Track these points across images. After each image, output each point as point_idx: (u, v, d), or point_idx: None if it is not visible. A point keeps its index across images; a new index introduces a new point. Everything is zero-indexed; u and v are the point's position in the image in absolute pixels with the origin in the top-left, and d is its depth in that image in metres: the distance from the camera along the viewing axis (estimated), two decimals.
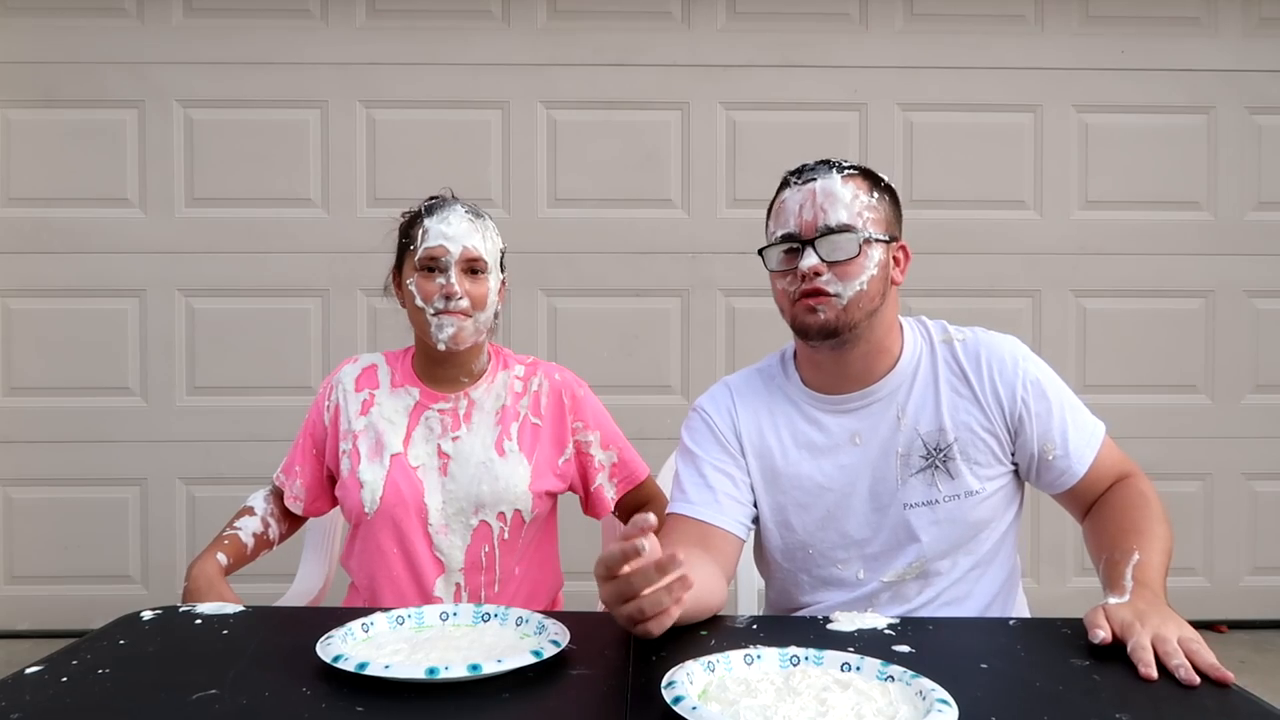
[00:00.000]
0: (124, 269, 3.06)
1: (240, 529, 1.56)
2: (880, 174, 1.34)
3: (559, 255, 3.09)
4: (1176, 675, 0.93)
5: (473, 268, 1.50)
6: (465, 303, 1.49)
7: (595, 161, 3.11)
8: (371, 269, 1.66)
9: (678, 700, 0.84)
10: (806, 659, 0.97)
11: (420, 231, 1.51)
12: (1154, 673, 0.93)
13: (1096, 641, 1.00)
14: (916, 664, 0.95)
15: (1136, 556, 1.13)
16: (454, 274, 1.48)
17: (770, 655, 0.97)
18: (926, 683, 0.88)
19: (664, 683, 0.88)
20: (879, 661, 0.94)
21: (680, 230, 3.12)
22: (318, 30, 3.09)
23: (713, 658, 0.96)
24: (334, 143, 3.09)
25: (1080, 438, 1.30)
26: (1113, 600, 1.06)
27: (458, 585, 1.53)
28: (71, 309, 3.06)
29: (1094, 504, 1.32)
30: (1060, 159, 3.15)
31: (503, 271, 1.59)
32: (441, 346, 1.50)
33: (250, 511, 1.60)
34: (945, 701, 0.84)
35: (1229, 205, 3.17)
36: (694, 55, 3.12)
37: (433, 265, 1.49)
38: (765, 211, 1.36)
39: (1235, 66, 3.15)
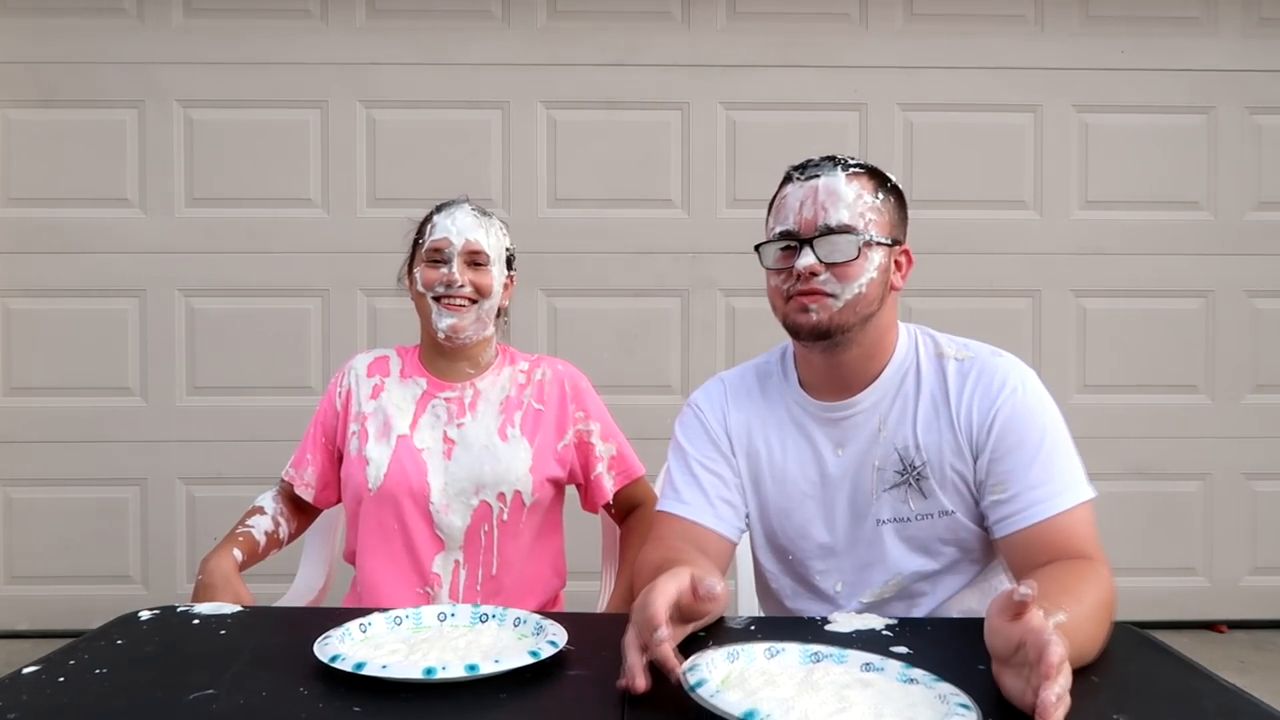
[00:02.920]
0: (124, 269, 3.06)
1: (253, 527, 1.58)
2: (888, 174, 1.28)
3: (559, 255, 3.09)
4: (1043, 692, 0.77)
5: (475, 260, 1.58)
6: (468, 289, 1.56)
7: (595, 161, 3.11)
8: (371, 269, 1.69)
9: (699, 685, 0.84)
10: (829, 656, 0.96)
11: (429, 227, 1.61)
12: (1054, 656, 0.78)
13: (1023, 593, 0.82)
14: (915, 665, 0.95)
15: (1061, 617, 0.90)
16: (456, 264, 1.56)
17: (792, 650, 0.97)
18: (948, 687, 0.87)
19: (686, 667, 0.88)
20: (901, 664, 0.93)
21: (680, 230, 3.12)
22: (318, 30, 3.09)
23: (735, 648, 0.95)
24: (334, 143, 3.09)
25: (1046, 491, 1.14)
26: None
27: (456, 562, 1.56)
28: (71, 309, 3.06)
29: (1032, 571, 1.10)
30: (1060, 159, 3.15)
31: (510, 269, 1.65)
32: (441, 335, 1.58)
33: (260, 511, 1.62)
34: (966, 706, 0.82)
35: (1229, 205, 3.17)
36: (694, 55, 3.12)
37: (437, 257, 1.57)
38: (766, 207, 1.32)
39: (1235, 66, 3.15)
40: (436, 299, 1.57)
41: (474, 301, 1.57)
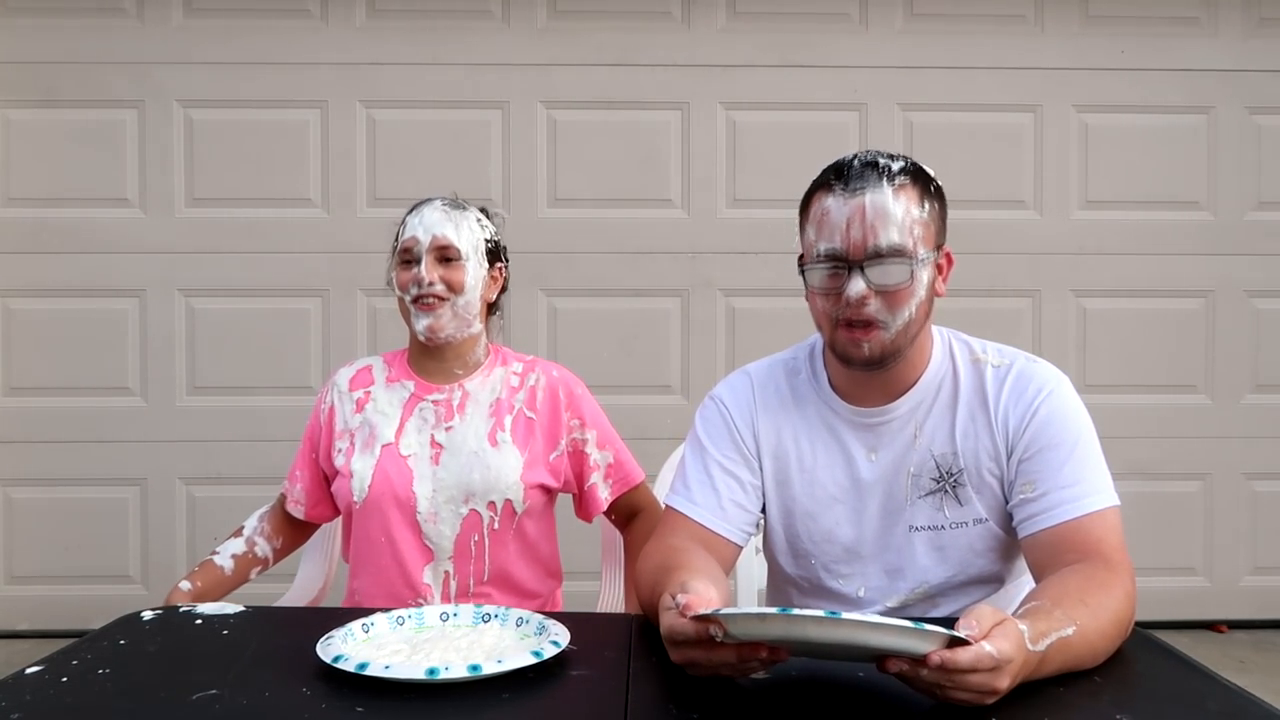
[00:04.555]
0: (124, 269, 3.06)
1: (218, 553, 1.59)
2: (926, 168, 1.24)
3: (559, 255, 3.09)
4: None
5: (445, 255, 1.54)
6: (439, 288, 1.52)
7: (595, 161, 3.11)
8: (371, 269, 1.68)
9: (718, 610, 0.84)
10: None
11: (401, 228, 1.58)
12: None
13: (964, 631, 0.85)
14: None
15: (1069, 631, 0.92)
16: (425, 263, 1.52)
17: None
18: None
19: (705, 611, 0.87)
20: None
21: (680, 230, 3.12)
22: (318, 30, 3.09)
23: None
24: (334, 143, 3.09)
25: (1075, 491, 1.14)
26: (1021, 627, 0.87)
27: (446, 573, 1.54)
28: (71, 309, 3.06)
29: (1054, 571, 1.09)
30: (1060, 159, 3.15)
31: (494, 262, 1.60)
32: (421, 337, 1.56)
33: (238, 532, 1.63)
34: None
35: (1229, 205, 3.17)
36: (694, 55, 3.12)
37: (407, 257, 1.55)
38: (799, 207, 1.24)
39: (1235, 66, 3.15)
40: (413, 301, 1.53)
41: (445, 299, 1.53)
